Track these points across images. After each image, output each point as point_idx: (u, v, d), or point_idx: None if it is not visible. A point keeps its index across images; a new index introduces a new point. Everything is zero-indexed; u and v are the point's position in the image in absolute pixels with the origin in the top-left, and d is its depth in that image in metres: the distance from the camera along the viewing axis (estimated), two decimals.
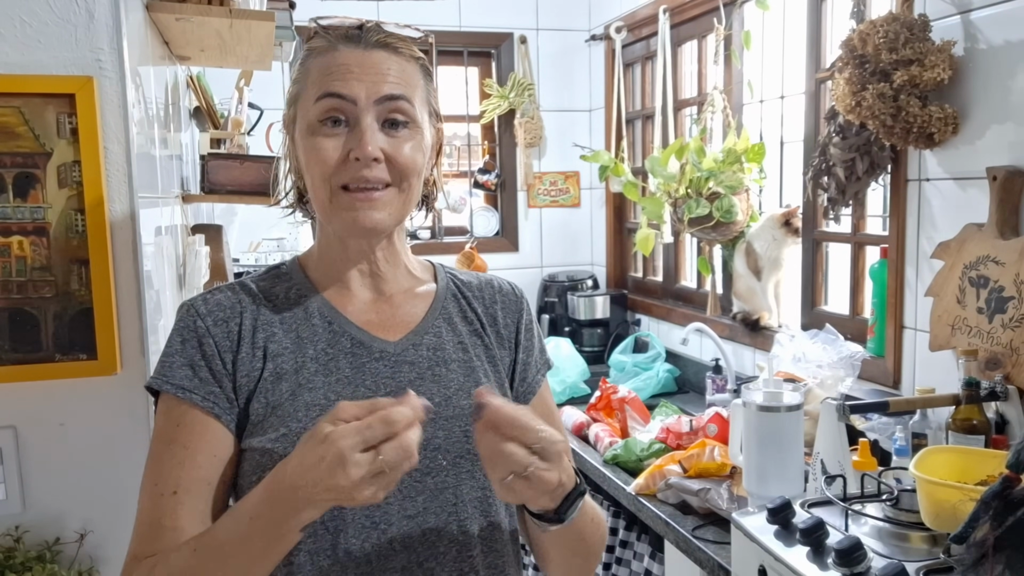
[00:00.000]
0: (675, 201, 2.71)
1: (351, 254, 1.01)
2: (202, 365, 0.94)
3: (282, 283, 1.02)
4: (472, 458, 0.96)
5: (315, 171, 0.94)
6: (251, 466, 0.94)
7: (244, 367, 0.95)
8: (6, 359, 1.24)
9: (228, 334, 0.96)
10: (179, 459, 0.92)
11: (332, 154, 0.93)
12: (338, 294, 1.02)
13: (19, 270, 1.24)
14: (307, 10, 3.08)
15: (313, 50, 0.97)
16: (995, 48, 1.68)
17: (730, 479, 1.84)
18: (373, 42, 0.95)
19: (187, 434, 0.93)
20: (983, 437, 1.55)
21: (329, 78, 0.93)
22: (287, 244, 3.06)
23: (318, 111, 0.93)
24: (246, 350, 0.96)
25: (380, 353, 0.99)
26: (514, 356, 1.09)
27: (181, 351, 0.95)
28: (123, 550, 1.31)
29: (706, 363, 2.79)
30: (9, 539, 1.25)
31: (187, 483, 0.91)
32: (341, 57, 0.94)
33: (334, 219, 0.96)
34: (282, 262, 1.07)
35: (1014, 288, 1.62)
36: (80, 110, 1.23)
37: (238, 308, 0.98)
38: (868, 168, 1.92)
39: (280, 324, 0.98)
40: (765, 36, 2.66)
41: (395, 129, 0.95)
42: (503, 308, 1.10)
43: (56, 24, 1.23)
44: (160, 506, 0.91)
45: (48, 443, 1.28)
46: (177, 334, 0.96)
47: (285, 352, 0.96)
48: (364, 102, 0.93)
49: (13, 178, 1.22)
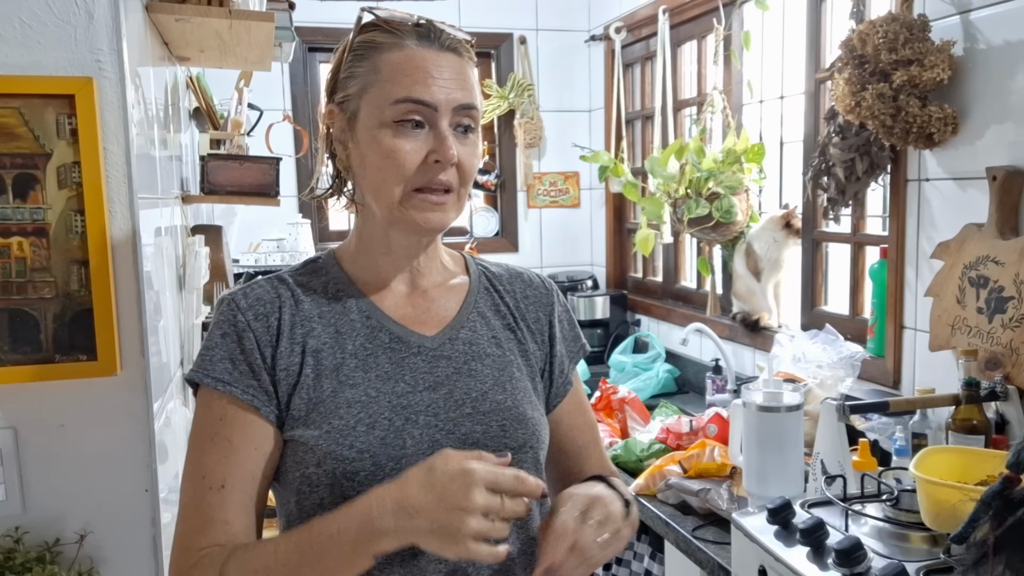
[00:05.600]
0: (675, 201, 2.71)
1: (395, 249, 1.03)
2: (241, 359, 0.95)
3: (319, 277, 1.04)
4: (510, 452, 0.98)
5: (391, 171, 0.94)
6: (294, 460, 0.95)
7: (283, 361, 0.96)
8: (6, 360, 1.24)
9: (268, 328, 0.97)
10: (224, 453, 0.93)
11: (413, 156, 0.94)
12: (375, 288, 1.03)
13: (19, 271, 1.24)
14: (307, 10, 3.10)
15: (379, 44, 0.96)
16: (995, 48, 1.68)
17: (730, 479, 1.84)
18: (445, 45, 0.97)
19: (230, 428, 0.94)
20: (983, 437, 1.55)
21: (409, 80, 0.94)
22: (287, 244, 3.06)
23: (397, 112, 0.94)
24: (285, 344, 0.97)
25: (418, 348, 1.01)
26: (549, 350, 1.11)
27: (221, 344, 0.96)
28: (123, 550, 1.32)
29: (706, 363, 2.79)
30: (9, 540, 1.25)
31: (233, 477, 0.93)
32: (417, 58, 0.95)
33: (401, 218, 0.97)
34: (318, 255, 1.08)
35: (1014, 288, 1.62)
36: (80, 111, 1.23)
37: (277, 303, 0.99)
38: (868, 168, 1.92)
39: (319, 319, 0.99)
40: (765, 36, 2.66)
41: (464, 135, 0.97)
42: (534, 302, 1.12)
43: (56, 25, 1.23)
44: (209, 500, 0.92)
45: (48, 444, 1.28)
46: (217, 328, 0.98)
47: (324, 348, 0.98)
48: (444, 108, 0.94)
49: (13, 179, 1.22)
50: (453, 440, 0.97)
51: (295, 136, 3.20)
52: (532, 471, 0.99)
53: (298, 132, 3.13)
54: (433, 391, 0.99)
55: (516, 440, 1.00)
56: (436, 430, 0.97)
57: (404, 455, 0.94)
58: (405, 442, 0.95)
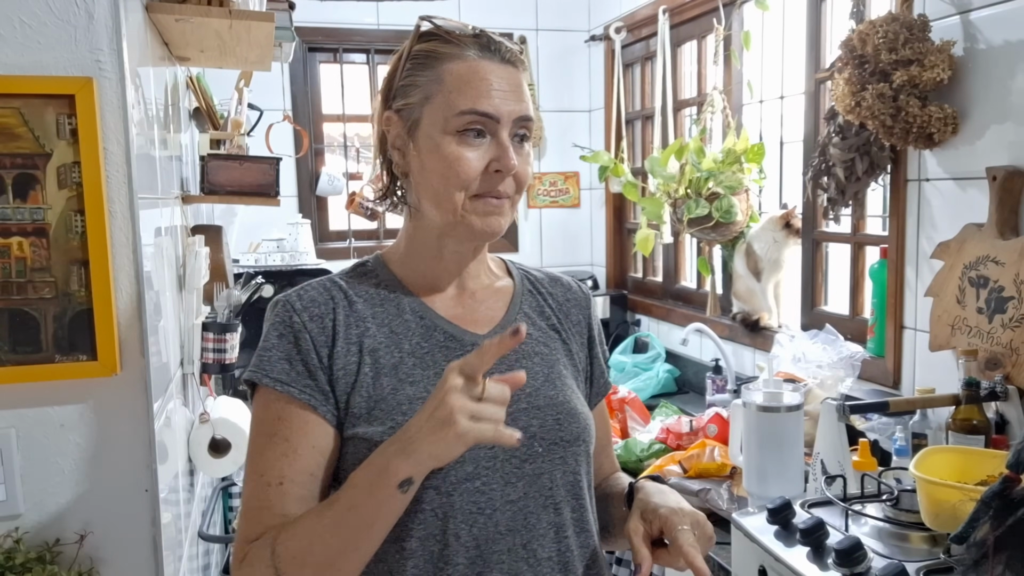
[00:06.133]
0: (675, 201, 2.71)
1: (446, 253, 1.05)
2: (298, 359, 0.97)
3: (369, 279, 1.06)
4: (564, 445, 1.02)
5: (453, 179, 0.97)
6: (354, 458, 0.97)
7: (340, 361, 0.98)
8: (6, 360, 1.24)
9: (323, 329, 0.99)
10: (282, 451, 0.95)
11: (476, 165, 0.97)
12: (425, 290, 1.06)
13: (19, 271, 1.24)
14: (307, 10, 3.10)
15: (441, 55, 0.99)
16: (995, 48, 1.68)
17: (730, 479, 1.84)
18: (505, 58, 1.00)
19: (288, 427, 0.96)
20: (983, 437, 1.55)
21: (474, 92, 0.97)
22: (287, 244, 3.05)
23: (461, 122, 0.97)
24: (341, 345, 0.99)
25: (472, 346, 1.03)
26: (589, 351, 1.15)
27: (278, 345, 0.98)
28: (123, 551, 1.32)
29: (706, 363, 2.79)
30: (9, 540, 1.25)
31: (291, 474, 0.95)
32: (480, 70, 0.98)
33: (461, 224, 1.00)
34: (365, 259, 1.10)
35: (1014, 288, 1.62)
36: (80, 111, 1.23)
37: (331, 304, 1.01)
38: (868, 168, 1.92)
39: (372, 319, 1.02)
40: (765, 36, 2.66)
41: (520, 144, 1.01)
42: (575, 306, 1.16)
43: (56, 25, 1.23)
44: (268, 495, 0.94)
45: (48, 444, 1.28)
46: (274, 329, 0.99)
47: (381, 347, 1.00)
48: (505, 120, 0.98)
49: (13, 179, 1.22)
50: None
51: (295, 136, 3.20)
52: (583, 463, 1.05)
53: (298, 132, 3.13)
54: None
55: (571, 434, 1.03)
56: None
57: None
58: None
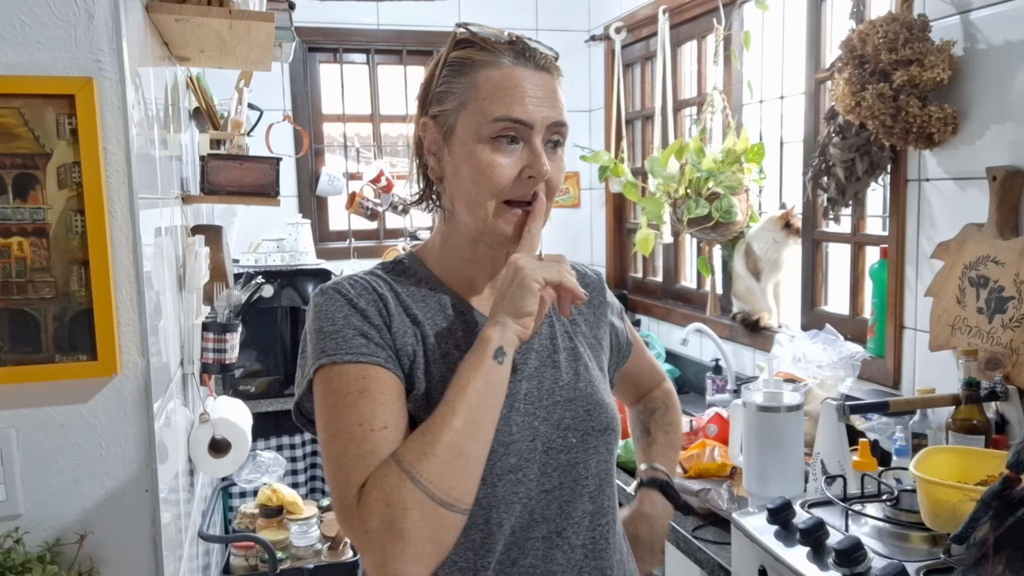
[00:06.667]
0: (675, 201, 2.71)
1: (479, 255, 1.08)
2: (373, 332, 0.98)
3: (409, 276, 1.08)
4: (596, 435, 1.07)
5: (486, 185, 0.99)
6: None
7: (399, 341, 1.00)
8: (6, 360, 1.24)
9: (379, 312, 1.00)
10: (378, 401, 0.94)
11: (509, 171, 0.99)
12: (461, 288, 1.09)
13: (19, 271, 1.24)
14: (307, 10, 3.10)
15: (476, 62, 1.00)
16: (995, 48, 1.68)
17: (730, 479, 1.84)
18: (540, 64, 1.02)
19: (376, 384, 0.95)
20: (983, 437, 1.55)
21: (508, 99, 0.98)
22: (287, 244, 3.05)
23: (494, 129, 0.98)
24: (397, 325, 1.01)
25: None
26: (611, 327, 1.22)
27: (346, 324, 0.98)
28: (123, 551, 1.32)
29: (706, 363, 2.79)
30: (9, 540, 1.25)
31: (393, 419, 0.94)
32: (515, 77, 0.99)
33: (493, 228, 1.01)
34: (400, 258, 1.11)
35: (1014, 288, 1.62)
36: (80, 111, 1.23)
37: (379, 291, 1.02)
38: (868, 168, 1.92)
39: (418, 311, 1.03)
40: (765, 36, 2.66)
41: (553, 150, 1.02)
42: (594, 290, 1.21)
43: (56, 25, 1.23)
44: (374, 440, 0.92)
45: (48, 443, 1.28)
46: (337, 312, 0.99)
47: (430, 336, 1.03)
48: (538, 126, 0.99)
49: (13, 179, 1.22)
50: (549, 426, 1.04)
51: (295, 136, 3.20)
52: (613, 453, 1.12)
53: (298, 132, 3.13)
54: (528, 381, 1.06)
55: (600, 424, 1.08)
56: (534, 417, 1.03)
57: (511, 440, 1.00)
58: (511, 428, 1.01)
